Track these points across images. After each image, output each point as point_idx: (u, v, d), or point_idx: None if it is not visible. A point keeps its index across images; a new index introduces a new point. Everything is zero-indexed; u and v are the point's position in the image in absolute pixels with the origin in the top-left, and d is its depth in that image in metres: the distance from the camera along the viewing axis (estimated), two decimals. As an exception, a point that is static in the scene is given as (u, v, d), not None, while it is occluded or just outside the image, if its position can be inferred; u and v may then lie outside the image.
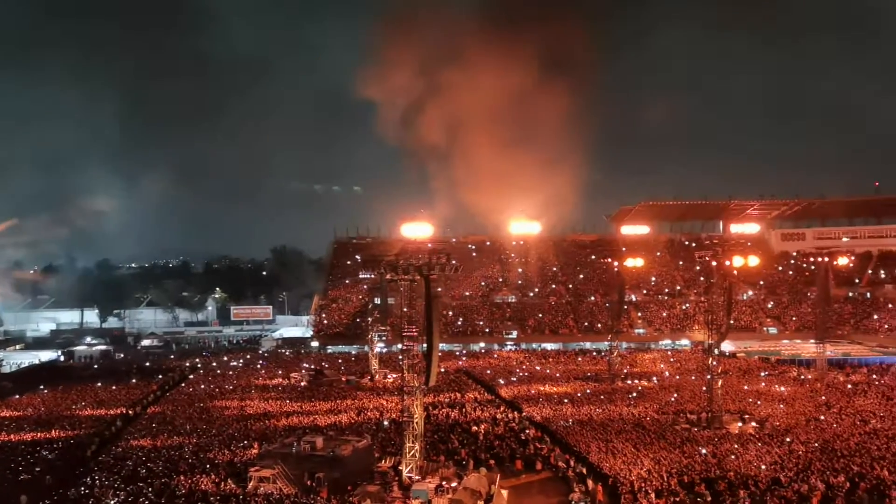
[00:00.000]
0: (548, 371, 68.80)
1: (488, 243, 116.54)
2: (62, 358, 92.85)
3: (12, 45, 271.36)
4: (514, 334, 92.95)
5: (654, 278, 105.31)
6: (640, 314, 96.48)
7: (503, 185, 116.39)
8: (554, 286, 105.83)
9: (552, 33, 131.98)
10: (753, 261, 52.50)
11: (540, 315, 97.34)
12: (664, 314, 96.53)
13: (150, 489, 32.99)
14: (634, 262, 77.91)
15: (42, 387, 64.91)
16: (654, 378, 62.87)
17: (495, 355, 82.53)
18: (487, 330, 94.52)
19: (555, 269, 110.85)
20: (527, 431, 43.80)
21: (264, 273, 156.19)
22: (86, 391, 61.80)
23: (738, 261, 49.88)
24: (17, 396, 60.36)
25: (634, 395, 54.64)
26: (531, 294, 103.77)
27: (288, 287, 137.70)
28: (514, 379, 63.76)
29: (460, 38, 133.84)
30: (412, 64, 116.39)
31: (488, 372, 68.43)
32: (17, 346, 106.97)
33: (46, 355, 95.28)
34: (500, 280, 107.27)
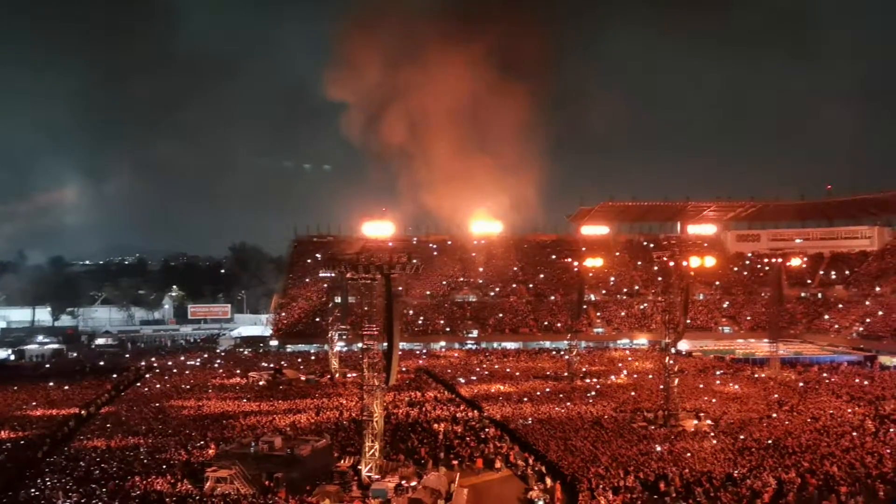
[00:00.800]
0: (508, 370, 69.23)
1: (449, 243, 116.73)
2: (12, 357, 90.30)
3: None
4: (475, 333, 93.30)
5: (612, 278, 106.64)
6: (599, 313, 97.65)
7: (464, 185, 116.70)
8: (514, 286, 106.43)
9: (510, 36, 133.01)
10: (710, 261, 53.54)
11: (500, 314, 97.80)
12: (623, 313, 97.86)
13: (103, 490, 32.32)
14: (594, 262, 78.90)
15: (-10, 387, 63.04)
16: (613, 377, 63.72)
17: (455, 354, 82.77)
18: (448, 329, 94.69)
19: (515, 268, 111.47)
20: (486, 430, 44.01)
21: (223, 271, 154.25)
22: (37, 391, 60.21)
23: (694, 261, 50.80)
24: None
25: (593, 393, 55.31)
26: (492, 293, 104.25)
27: (247, 285, 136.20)
28: (474, 378, 64.02)
29: (420, 41, 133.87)
30: (373, 65, 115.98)
31: (448, 371, 68.59)
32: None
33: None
34: (461, 279, 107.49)
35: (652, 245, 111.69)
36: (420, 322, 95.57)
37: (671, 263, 49.96)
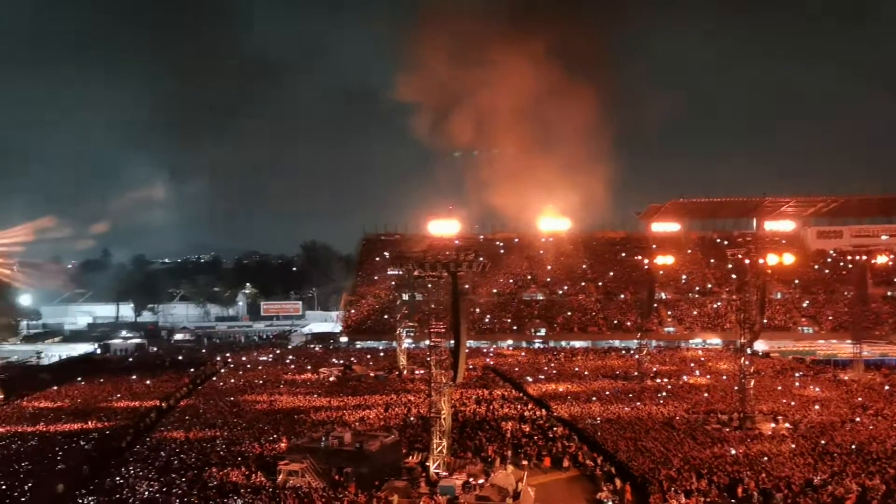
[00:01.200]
0: (576, 369, 68.45)
1: (517, 240, 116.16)
2: (98, 351, 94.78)
3: (52, 45, 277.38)
4: (542, 332, 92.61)
5: (684, 276, 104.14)
6: (669, 312, 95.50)
7: (531, 183, 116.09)
8: (583, 283, 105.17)
9: (572, 34, 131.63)
10: (788, 259, 51.75)
11: (568, 313, 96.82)
12: (695, 312, 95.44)
13: (182, 480, 33.55)
14: (664, 260, 77.11)
15: (79, 379, 66.38)
16: (685, 377, 62.19)
17: (522, 353, 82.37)
18: (515, 328, 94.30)
19: (584, 266, 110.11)
20: (554, 429, 43.63)
21: (294, 269, 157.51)
22: (121, 383, 62.99)
23: (772, 259, 49.14)
24: (56, 388, 61.71)
25: (664, 393, 54.10)
26: (560, 292, 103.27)
27: (317, 283, 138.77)
28: (542, 377, 63.53)
29: (484, 41, 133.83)
30: (439, 66, 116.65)
31: (516, 369, 68.30)
32: (56, 339, 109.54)
33: (83, 348, 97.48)
34: (529, 277, 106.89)
35: (726, 242, 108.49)
36: (487, 320, 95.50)
37: (746, 261, 48.37)
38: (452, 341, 36.07)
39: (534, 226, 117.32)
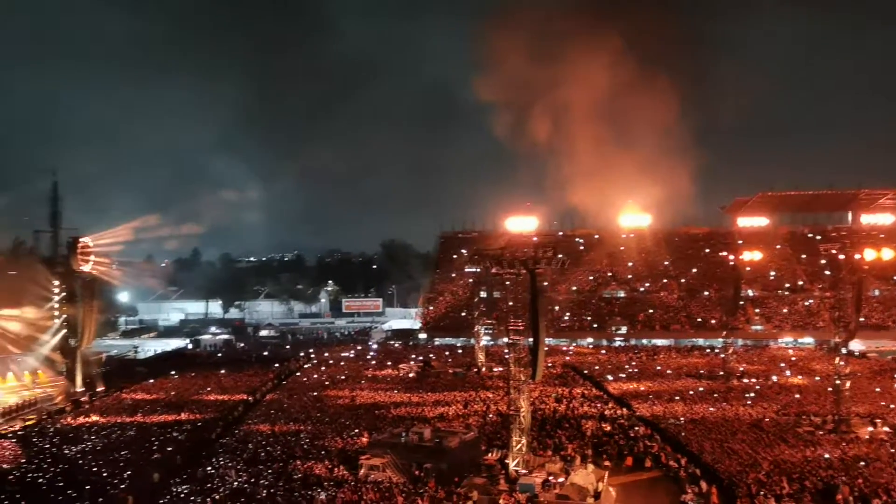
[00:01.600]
0: (658, 368, 66.94)
1: (596, 237, 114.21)
2: (190, 346, 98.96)
3: (142, 48, 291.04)
4: (623, 330, 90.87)
5: (773, 272, 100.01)
6: (757, 310, 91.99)
7: (611, 178, 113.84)
8: (665, 280, 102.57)
9: (649, 27, 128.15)
10: (887, 254, 49.10)
11: (650, 310, 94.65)
12: (784, 310, 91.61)
13: (269, 472, 34.71)
14: (752, 256, 74.47)
15: (173, 372, 69.56)
16: (774, 377, 59.85)
17: (603, 351, 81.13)
18: (595, 325, 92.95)
19: (666, 262, 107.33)
20: (636, 428, 42.82)
21: (374, 266, 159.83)
22: (211, 378, 65.61)
23: (869, 254, 46.76)
24: (151, 381, 64.92)
25: (752, 394, 52.25)
26: (641, 289, 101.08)
27: (396, 280, 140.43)
28: (623, 375, 62.43)
29: (561, 37, 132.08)
30: (517, 63, 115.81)
31: (596, 367, 67.36)
32: (151, 335, 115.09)
33: (176, 343, 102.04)
34: (609, 274, 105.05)
35: (818, 237, 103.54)
36: (566, 318, 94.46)
37: (841, 256, 46.09)
38: (531, 339, 35.90)
39: (614, 222, 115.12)
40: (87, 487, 33.00)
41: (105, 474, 35.32)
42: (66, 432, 45.31)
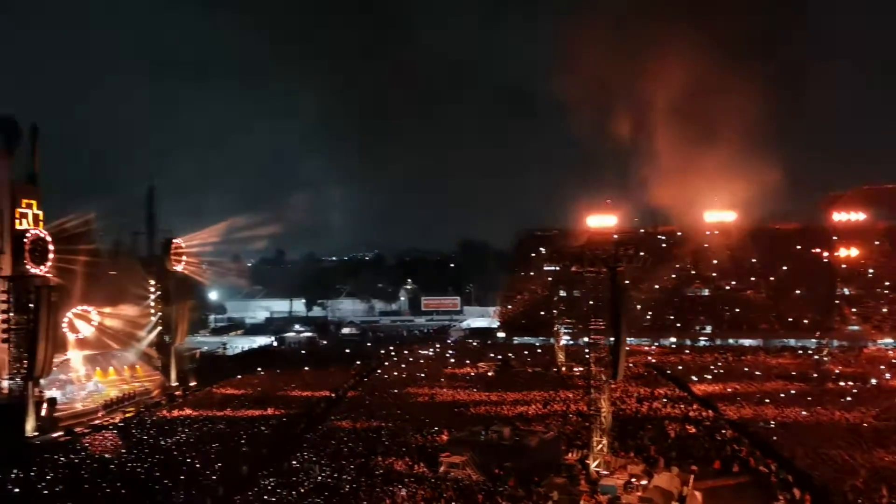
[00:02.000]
0: (745, 369, 64.56)
1: (680, 234, 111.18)
2: (275, 343, 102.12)
3: (233, 51, 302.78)
4: (708, 329, 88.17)
5: (871, 270, 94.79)
6: (854, 309, 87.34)
7: (695, 174, 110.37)
8: (752, 278, 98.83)
9: (734, 19, 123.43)
10: None
11: (736, 309, 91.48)
12: (885, 310, 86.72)
13: (351, 467, 35.44)
14: (847, 252, 70.83)
15: (259, 369, 71.95)
16: (873, 380, 56.83)
17: (686, 351, 78.96)
18: (679, 325, 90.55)
19: (753, 260, 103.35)
20: (722, 431, 41.49)
21: (452, 265, 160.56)
22: (295, 374, 67.52)
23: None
24: (239, 377, 67.33)
25: (848, 398, 49.77)
26: (727, 287, 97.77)
27: (474, 279, 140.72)
28: (708, 376, 60.58)
29: (643, 31, 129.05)
30: (599, 60, 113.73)
31: (679, 368, 65.68)
32: (238, 332, 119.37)
33: (262, 340, 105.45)
34: (693, 272, 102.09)
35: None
36: (648, 317, 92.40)
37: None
38: (612, 338, 35.35)
39: (698, 218, 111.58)
40: (182, 478, 34.56)
41: (198, 465, 36.92)
42: (161, 424, 47.63)
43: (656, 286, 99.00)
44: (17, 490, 34.44)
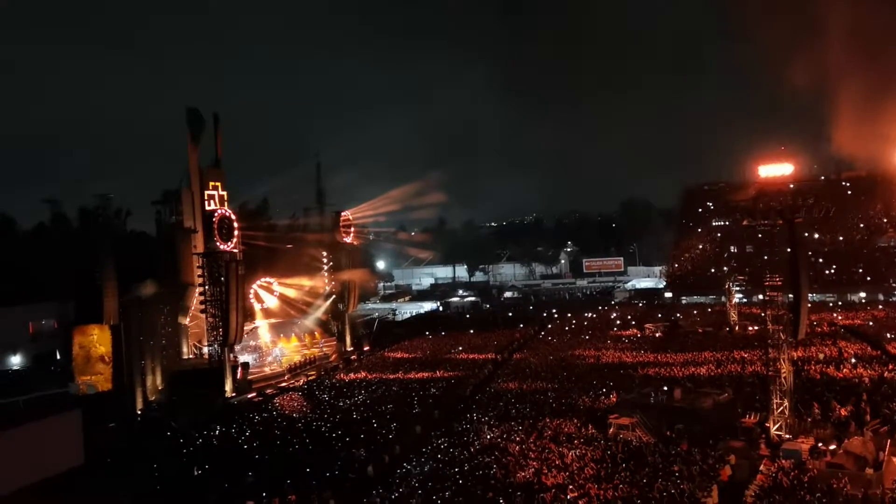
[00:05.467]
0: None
1: (868, 179, 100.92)
2: (440, 308, 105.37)
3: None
4: (905, 282, 79.97)
5: None
6: None
7: (887, 110, 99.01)
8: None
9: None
10: None
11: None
12: None
13: (519, 428, 36.01)
14: None
15: (427, 333, 74.67)
16: None
17: (879, 307, 72.08)
18: (869, 278, 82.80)
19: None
20: (926, 394, 37.63)
21: (614, 225, 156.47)
22: (461, 337, 69.40)
23: None
24: (408, 341, 70.30)
25: None
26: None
27: (638, 238, 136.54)
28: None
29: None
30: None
31: (870, 324, 60.16)
32: (406, 298, 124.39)
33: (428, 306, 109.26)
34: (885, 221, 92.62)
35: None
36: (833, 271, 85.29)
37: None
38: (791, 295, 33.04)
39: (890, 161, 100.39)
40: (361, 436, 36.87)
41: (374, 424, 39.19)
42: (340, 387, 51.01)
43: (841, 237, 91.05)
44: (219, 444, 38.44)
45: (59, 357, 58.90)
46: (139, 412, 48.33)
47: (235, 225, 57.05)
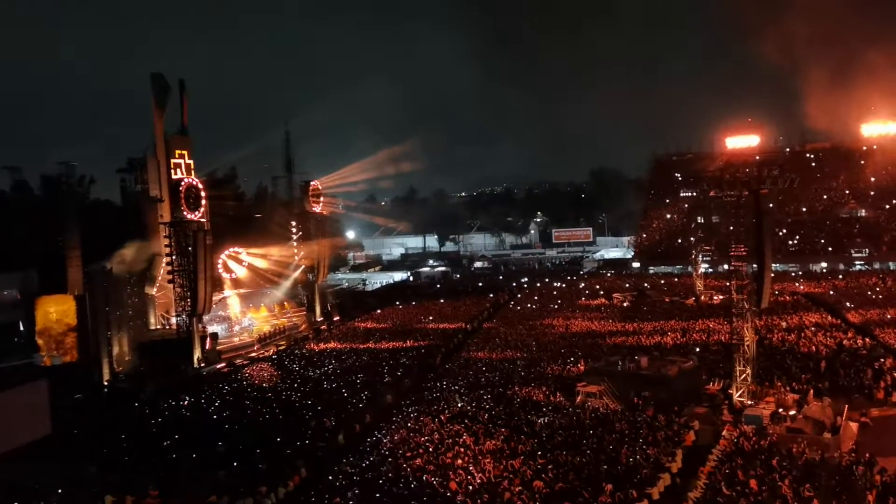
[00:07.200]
0: (910, 294, 59.66)
1: (831, 150, 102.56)
2: (411, 278, 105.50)
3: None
4: (865, 253, 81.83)
5: None
6: None
7: (850, 83, 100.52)
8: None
9: None
10: None
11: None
12: None
13: (488, 396, 36.41)
14: None
15: (397, 302, 74.78)
16: None
17: (840, 276, 73.82)
18: (830, 249, 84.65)
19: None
20: (881, 360, 38.80)
21: (583, 195, 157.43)
22: (431, 307, 69.64)
23: None
24: (379, 311, 70.38)
25: None
26: (887, 206, 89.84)
27: (607, 208, 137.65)
28: (865, 302, 56.48)
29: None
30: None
31: (831, 293, 61.67)
32: (376, 268, 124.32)
33: (398, 276, 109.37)
34: (847, 192, 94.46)
35: None
36: (796, 241, 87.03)
37: None
38: (755, 265, 33.65)
39: (853, 133, 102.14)
40: (332, 407, 36.96)
41: (345, 394, 39.31)
42: (310, 357, 50.96)
43: (804, 208, 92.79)
44: (188, 414, 38.28)
45: (22, 328, 57.93)
46: (106, 383, 47.80)
47: (203, 194, 56.16)
